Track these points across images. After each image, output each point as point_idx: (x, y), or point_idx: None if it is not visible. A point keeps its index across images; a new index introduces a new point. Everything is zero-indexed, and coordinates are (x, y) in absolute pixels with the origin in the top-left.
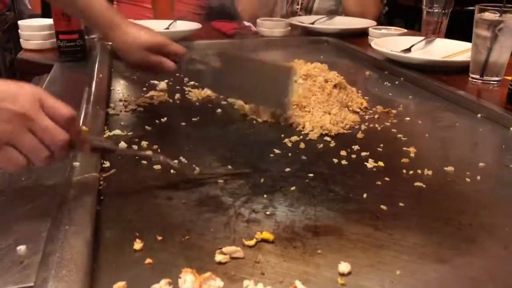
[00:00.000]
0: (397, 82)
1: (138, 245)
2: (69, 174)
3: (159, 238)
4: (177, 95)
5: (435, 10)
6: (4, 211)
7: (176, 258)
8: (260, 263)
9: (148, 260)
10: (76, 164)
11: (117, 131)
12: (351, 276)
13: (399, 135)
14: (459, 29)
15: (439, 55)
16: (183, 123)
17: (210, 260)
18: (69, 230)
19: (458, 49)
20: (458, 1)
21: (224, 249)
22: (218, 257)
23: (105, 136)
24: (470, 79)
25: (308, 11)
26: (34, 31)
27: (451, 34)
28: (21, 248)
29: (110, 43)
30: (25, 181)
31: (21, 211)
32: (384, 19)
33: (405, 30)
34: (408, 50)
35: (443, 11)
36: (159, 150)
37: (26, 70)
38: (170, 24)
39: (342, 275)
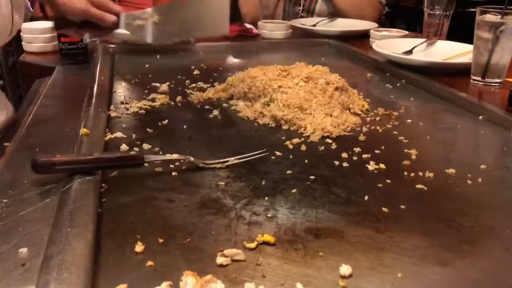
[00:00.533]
0: (398, 84)
1: (139, 247)
2: (71, 176)
3: (160, 240)
4: (179, 98)
5: (436, 12)
6: (5, 214)
7: (177, 261)
8: (261, 266)
9: (150, 263)
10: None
11: (119, 134)
12: (352, 278)
13: (400, 137)
14: (461, 30)
15: (440, 57)
16: (185, 126)
17: (211, 263)
18: (71, 233)
19: (459, 51)
20: (460, 3)
21: (225, 252)
22: (219, 260)
23: (106, 138)
24: (471, 81)
25: (310, 13)
26: (36, 33)
27: (452, 35)
28: (23, 251)
29: None
30: (26, 184)
31: (23, 214)
32: (385, 21)
33: (407, 32)
34: (410, 52)
35: (444, 13)
36: (160, 152)
37: (28, 73)
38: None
39: (343, 277)
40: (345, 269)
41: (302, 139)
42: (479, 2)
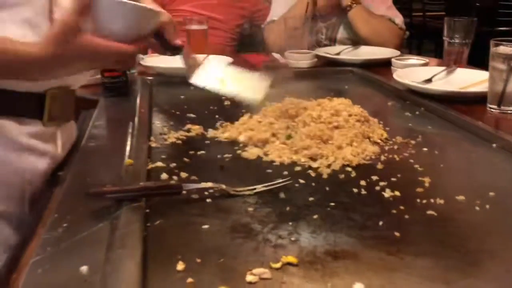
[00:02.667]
0: (417, 112)
1: (180, 266)
2: (119, 203)
3: (198, 260)
4: (210, 130)
5: (456, 41)
6: (67, 237)
7: (213, 278)
8: (285, 284)
9: (190, 280)
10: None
11: (159, 163)
12: None
13: (416, 166)
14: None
15: (459, 85)
16: (218, 155)
17: (242, 280)
18: (122, 253)
19: (478, 79)
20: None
21: (254, 271)
22: (249, 278)
23: (148, 167)
24: (488, 109)
25: (332, 40)
26: None
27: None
28: (84, 269)
29: None
30: (81, 210)
31: (81, 236)
32: (409, 42)
33: (427, 60)
34: (429, 80)
35: (463, 41)
36: (197, 179)
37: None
38: (204, 59)
39: None
40: (358, 287)
41: (324, 167)
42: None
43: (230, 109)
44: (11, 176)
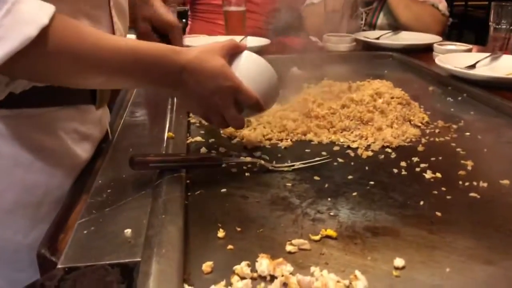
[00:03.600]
0: (459, 98)
1: (221, 233)
2: (161, 173)
3: (238, 229)
4: None
5: (502, 26)
6: (111, 202)
7: (253, 246)
8: (325, 255)
9: (230, 246)
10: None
11: (198, 138)
12: (405, 270)
13: (458, 149)
14: None
15: (504, 72)
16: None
17: (281, 250)
18: (165, 219)
19: None
20: None
21: (293, 241)
22: (288, 248)
23: (188, 142)
24: None
25: (371, 26)
26: None
27: None
28: (128, 231)
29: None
30: (125, 178)
31: (124, 202)
32: (448, 31)
33: (471, 46)
34: (473, 66)
35: (511, 27)
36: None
37: None
38: (241, 40)
39: (397, 268)
40: (399, 262)
41: (364, 148)
42: None
43: None
44: (67, 162)
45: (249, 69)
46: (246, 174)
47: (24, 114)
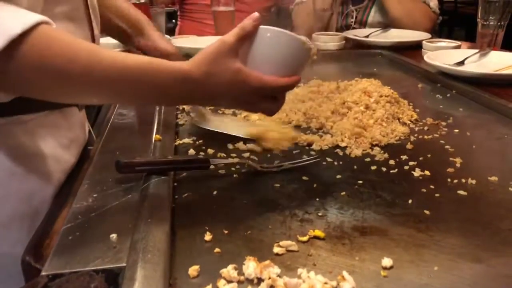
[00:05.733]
0: (448, 95)
1: (208, 236)
2: (148, 176)
3: (226, 231)
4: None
5: (490, 23)
6: (96, 207)
7: (240, 249)
8: (312, 256)
9: (217, 249)
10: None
11: (186, 140)
12: (393, 270)
13: (446, 146)
14: None
15: (492, 68)
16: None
17: (269, 252)
18: (151, 223)
19: None
20: None
21: (281, 243)
22: (276, 249)
23: (176, 143)
24: None
25: (362, 24)
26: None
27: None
28: (113, 236)
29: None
30: (111, 182)
31: (110, 206)
32: (438, 28)
33: (460, 43)
34: (462, 63)
35: (498, 23)
36: (223, 156)
37: None
38: None
39: (385, 268)
40: (387, 262)
41: (352, 146)
42: None
43: None
44: (58, 168)
45: (266, 51)
46: (234, 175)
47: (15, 121)
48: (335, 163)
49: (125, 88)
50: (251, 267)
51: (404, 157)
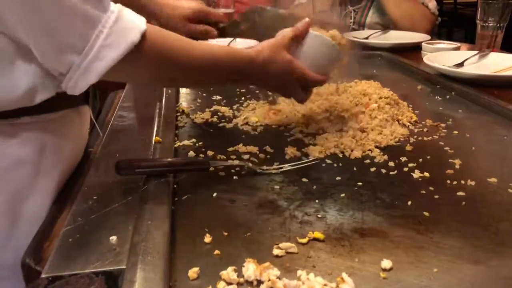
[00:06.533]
0: (448, 96)
1: (207, 238)
2: (148, 178)
3: (225, 233)
4: (235, 106)
5: (489, 24)
6: (96, 209)
7: (240, 251)
8: (312, 258)
9: (217, 251)
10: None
11: (186, 142)
12: (392, 271)
13: (446, 148)
14: None
15: (492, 69)
16: (243, 136)
17: (269, 254)
18: (151, 225)
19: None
20: None
21: (281, 245)
22: (275, 251)
23: (175, 145)
24: None
25: (361, 25)
26: None
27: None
28: (113, 238)
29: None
30: (111, 184)
31: (110, 208)
32: (438, 30)
33: (459, 45)
34: (461, 64)
35: (498, 25)
36: (223, 157)
37: (102, 85)
38: (230, 42)
39: (384, 270)
40: (386, 263)
41: (352, 148)
42: None
43: (256, 91)
44: (72, 163)
45: (310, 51)
46: (234, 177)
47: (40, 120)
48: (335, 165)
49: (212, 70)
50: (250, 269)
51: (403, 158)
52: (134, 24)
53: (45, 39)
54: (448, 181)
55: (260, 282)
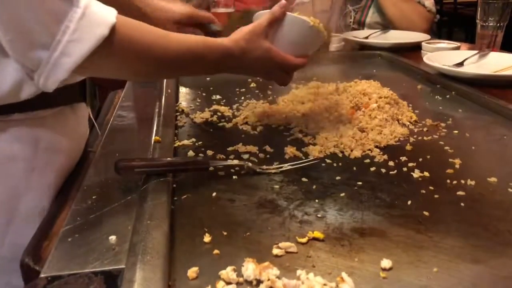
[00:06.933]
0: (448, 96)
1: (207, 238)
2: (147, 177)
3: (225, 233)
4: (235, 105)
5: (489, 24)
6: (96, 208)
7: (239, 250)
8: (311, 258)
9: (216, 251)
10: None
11: (186, 141)
12: (392, 271)
13: (446, 147)
14: None
15: (492, 69)
16: (243, 136)
17: (268, 253)
18: (150, 225)
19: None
20: None
21: (280, 244)
22: (275, 251)
23: (175, 145)
24: None
25: (360, 24)
26: None
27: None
28: (113, 238)
29: None
30: (110, 184)
31: (109, 208)
32: (438, 30)
33: (459, 44)
34: (461, 64)
35: (498, 24)
36: (223, 157)
37: (102, 85)
38: None
39: (384, 270)
40: (386, 263)
41: (351, 147)
42: None
43: (256, 90)
44: (71, 163)
45: (289, 34)
46: (234, 177)
47: (34, 117)
48: (334, 164)
49: (188, 63)
50: (250, 268)
51: (403, 158)
52: (103, 18)
53: (13, 34)
54: (448, 181)
55: (259, 281)
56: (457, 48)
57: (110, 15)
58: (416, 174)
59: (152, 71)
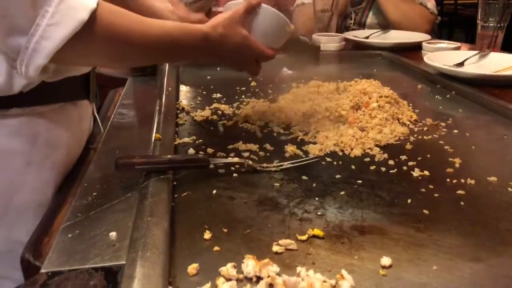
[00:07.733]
0: (448, 96)
1: (207, 235)
2: (147, 174)
3: (225, 230)
4: (235, 104)
5: (490, 24)
6: (96, 205)
7: (239, 247)
8: (311, 255)
9: (216, 248)
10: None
11: (186, 139)
12: (391, 269)
13: (446, 147)
14: None
15: (492, 69)
16: (243, 133)
17: (268, 250)
18: (151, 221)
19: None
20: None
21: (280, 242)
22: (275, 248)
23: (175, 143)
24: None
25: (361, 25)
26: None
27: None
28: (113, 234)
29: None
30: (111, 181)
31: (110, 205)
32: (439, 31)
33: (459, 44)
34: (461, 64)
35: (498, 25)
36: (223, 155)
37: (102, 83)
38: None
39: (384, 267)
40: (386, 261)
41: (352, 146)
42: None
43: (256, 89)
44: (70, 159)
45: (263, 25)
46: (234, 174)
47: (33, 112)
48: (335, 163)
49: (167, 48)
50: (250, 265)
51: (403, 157)
52: (83, 2)
53: None
54: (448, 180)
55: (259, 278)
56: (458, 48)
57: (90, 0)
58: (416, 173)
59: (132, 55)
